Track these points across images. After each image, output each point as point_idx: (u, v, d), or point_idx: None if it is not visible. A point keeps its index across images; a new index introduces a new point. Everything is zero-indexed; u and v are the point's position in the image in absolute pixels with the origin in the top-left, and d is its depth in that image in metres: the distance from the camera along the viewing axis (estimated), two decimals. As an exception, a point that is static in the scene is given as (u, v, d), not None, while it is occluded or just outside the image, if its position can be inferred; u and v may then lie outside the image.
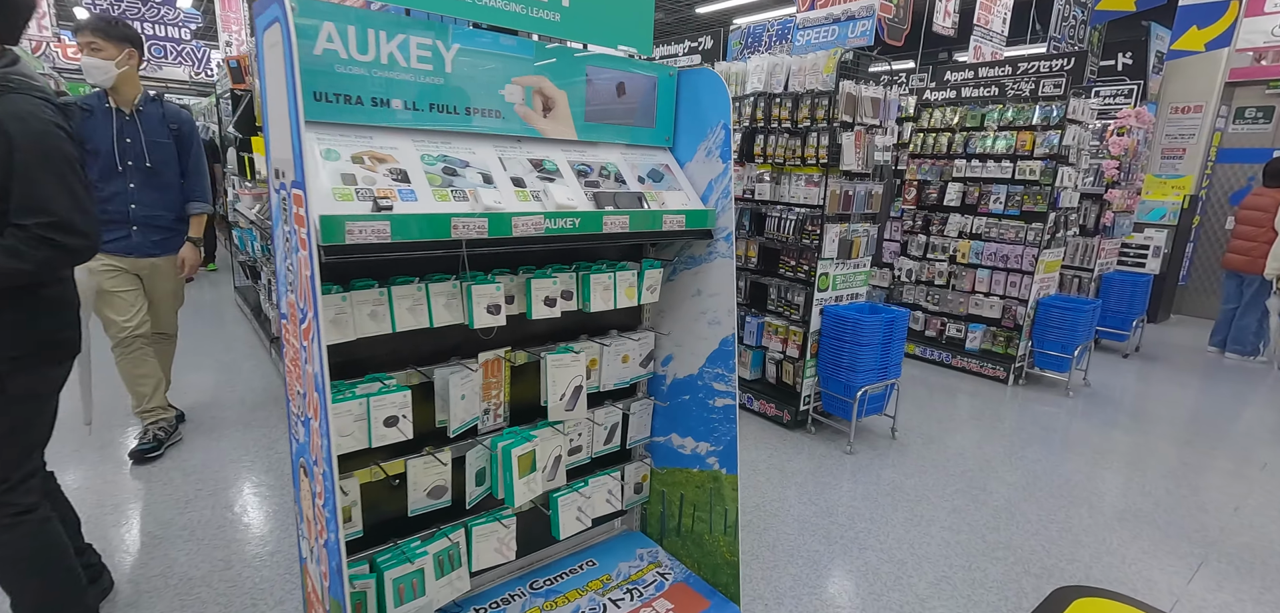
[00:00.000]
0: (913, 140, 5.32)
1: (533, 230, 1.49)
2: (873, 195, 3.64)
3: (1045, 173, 4.54)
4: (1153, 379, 5.15)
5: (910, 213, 5.39)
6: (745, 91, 3.84)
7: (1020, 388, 4.75)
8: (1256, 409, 4.56)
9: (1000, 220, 4.86)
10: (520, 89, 1.62)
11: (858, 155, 3.46)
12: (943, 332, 5.28)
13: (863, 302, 3.83)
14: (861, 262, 3.74)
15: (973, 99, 4.96)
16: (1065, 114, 4.39)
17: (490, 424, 1.82)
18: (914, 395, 4.45)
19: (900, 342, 3.59)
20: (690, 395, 2.09)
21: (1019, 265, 4.76)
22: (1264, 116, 7.17)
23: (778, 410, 3.84)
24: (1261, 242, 5.54)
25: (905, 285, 5.49)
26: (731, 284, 1.89)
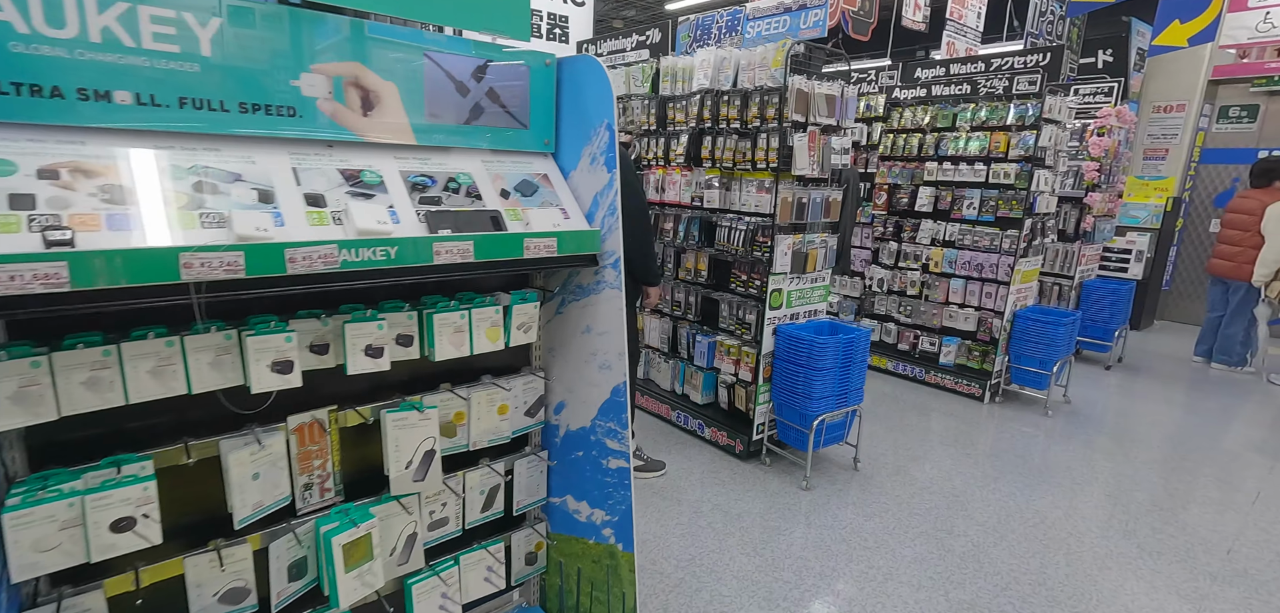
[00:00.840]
0: (882, 141, 5.00)
1: (321, 265, 1.12)
2: (830, 202, 3.31)
3: (1020, 176, 4.23)
4: (1136, 394, 4.86)
5: (881, 218, 5.07)
6: (691, 88, 3.49)
7: (996, 406, 4.44)
8: (1245, 427, 4.27)
9: (974, 227, 4.55)
10: (324, 79, 1.25)
11: (812, 158, 3.12)
12: (916, 345, 4.96)
13: (823, 319, 3.49)
14: (820, 275, 3.40)
15: (944, 98, 4.64)
16: (1041, 113, 4.08)
17: (314, 502, 1.45)
18: (883, 416, 4.12)
19: (861, 365, 3.25)
20: (583, 452, 1.73)
21: (994, 275, 4.45)
22: (1248, 115, 6.94)
23: (730, 439, 3.49)
24: (1247, 246, 5.27)
25: (877, 296, 5.17)
26: (621, 321, 1.54)
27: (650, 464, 3.25)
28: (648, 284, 3.08)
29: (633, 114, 3.90)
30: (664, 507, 2.95)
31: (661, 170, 3.74)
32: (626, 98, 3.94)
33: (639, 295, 3.13)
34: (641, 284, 3.08)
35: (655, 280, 3.08)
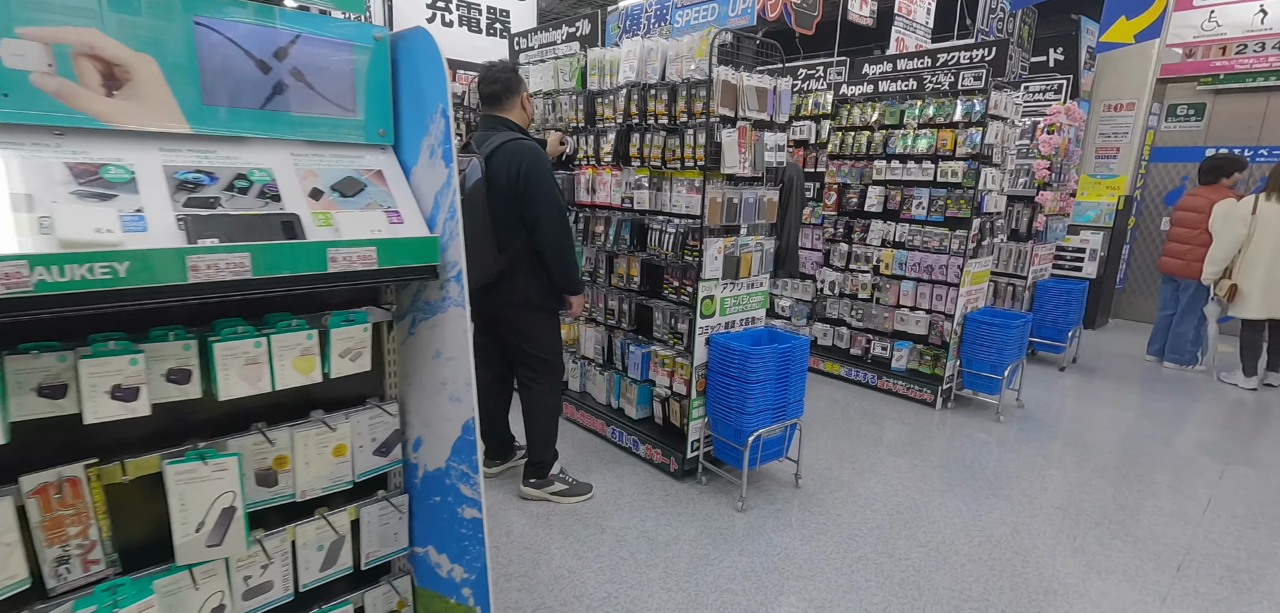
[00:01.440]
0: (830, 140, 4.83)
1: (1, 288, 0.85)
2: (766, 202, 3.10)
3: (968, 175, 4.10)
4: (1089, 396, 4.77)
5: (831, 219, 4.91)
6: (618, 82, 3.25)
7: (949, 412, 4.29)
8: (1196, 429, 4.19)
9: (923, 227, 4.41)
10: (39, 48, 0.98)
11: (743, 156, 2.91)
12: (868, 350, 4.80)
13: (760, 328, 3.28)
14: (756, 280, 3.19)
15: (891, 94, 4.50)
16: (986, 110, 3.95)
17: (74, 579, 1.17)
18: (832, 425, 3.93)
19: (799, 376, 3.05)
20: (440, 497, 1.47)
21: (944, 277, 4.31)
22: (1196, 114, 6.98)
23: (664, 457, 3.26)
24: (1196, 244, 5.24)
25: (829, 299, 5.00)
26: (467, 345, 1.29)
27: (575, 488, 3.00)
28: (568, 292, 2.84)
29: (562, 111, 3.65)
30: (584, 536, 2.70)
31: (592, 170, 3.50)
32: (555, 93, 3.69)
33: (561, 304, 2.89)
34: (562, 293, 2.84)
35: (577, 288, 2.84)
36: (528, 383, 2.92)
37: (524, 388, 2.95)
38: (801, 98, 5.04)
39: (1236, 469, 3.57)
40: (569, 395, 3.89)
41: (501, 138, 2.66)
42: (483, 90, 2.78)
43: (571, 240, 2.76)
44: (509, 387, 3.11)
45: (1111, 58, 7.01)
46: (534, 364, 2.89)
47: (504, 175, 2.61)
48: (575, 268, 2.81)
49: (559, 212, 2.66)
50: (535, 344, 2.87)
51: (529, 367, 2.90)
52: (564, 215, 2.70)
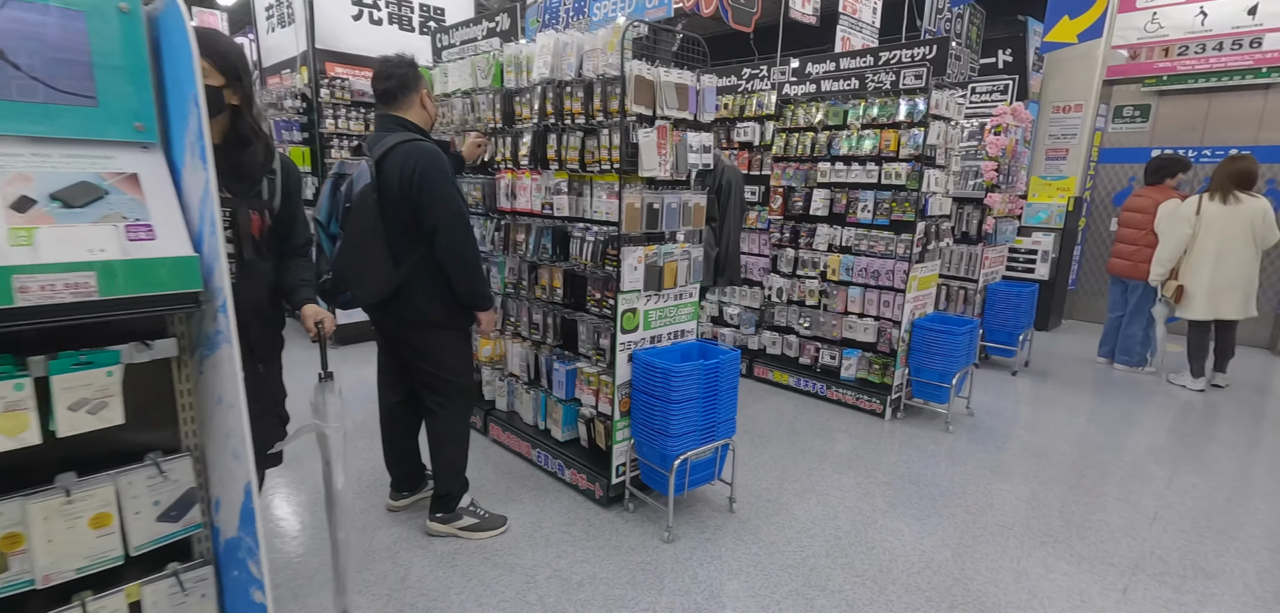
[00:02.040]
0: (774, 141, 4.66)
1: None
2: (692, 208, 2.89)
3: (911, 176, 3.96)
4: (1039, 402, 4.68)
5: (778, 223, 4.74)
6: (533, 79, 3.02)
7: (899, 423, 4.14)
8: (1144, 435, 4.11)
9: (869, 231, 4.26)
10: None
11: (662, 157, 2.69)
12: (817, 359, 4.63)
13: (691, 341, 3.06)
14: (684, 291, 2.98)
15: (833, 93, 4.34)
16: (928, 109, 3.81)
17: None
18: (777, 440, 3.73)
19: (730, 393, 2.83)
20: (238, 571, 1.21)
21: (891, 282, 4.16)
22: (1141, 115, 7.03)
23: (589, 483, 3.01)
24: (1143, 245, 5.21)
25: (777, 306, 4.83)
26: (239, 389, 1.03)
27: (486, 521, 2.73)
28: (476, 308, 2.58)
29: (480, 110, 3.40)
30: (490, 578, 2.44)
31: (511, 174, 3.25)
32: (473, 92, 3.44)
33: (470, 321, 2.63)
34: (470, 309, 2.58)
35: (485, 303, 2.58)
36: (433, 408, 2.65)
37: (428, 413, 2.68)
38: (745, 98, 4.86)
39: (1183, 478, 3.47)
40: (496, 415, 3.62)
41: (396, 139, 2.40)
42: (376, 87, 2.52)
43: (476, 251, 2.50)
44: (417, 410, 2.84)
45: (1059, 60, 7.02)
46: (439, 388, 2.63)
47: (396, 180, 2.35)
48: (482, 281, 2.56)
49: (459, 219, 2.41)
50: (440, 366, 2.61)
51: (434, 390, 2.64)
52: (466, 224, 2.44)
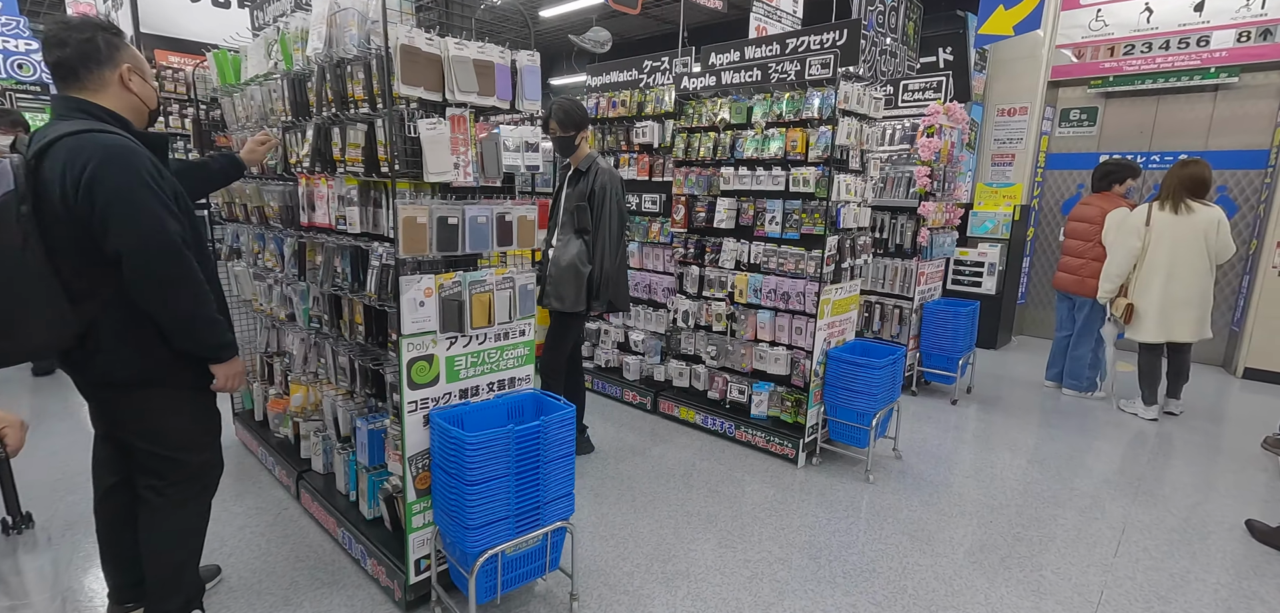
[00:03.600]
0: (675, 143, 4.05)
1: None
2: (515, 222, 2.23)
3: (820, 183, 3.37)
4: (978, 437, 4.12)
5: (681, 237, 4.12)
6: (309, 56, 2.34)
7: (813, 470, 3.53)
8: (1090, 479, 3.57)
9: (779, 246, 3.66)
10: None
11: (459, 156, 2.04)
12: (725, 394, 4.01)
13: (524, 393, 2.40)
14: (511, 330, 2.32)
15: (736, 87, 3.75)
16: (836, 104, 3.23)
17: None
18: (664, 499, 3.09)
19: (562, 463, 2.18)
20: None
21: (802, 306, 3.57)
22: (1088, 118, 6.64)
23: (389, 578, 2.32)
24: (1090, 258, 4.73)
25: (683, 332, 4.20)
26: None
27: (224, 648, 2.02)
28: (206, 359, 1.89)
29: (273, 100, 2.71)
30: None
31: (307, 180, 2.56)
32: (268, 77, 2.74)
33: (201, 377, 1.93)
34: (200, 359, 1.89)
35: (216, 350, 1.88)
36: (145, 495, 1.94)
37: (142, 502, 1.96)
38: (644, 94, 4.25)
39: (1133, 540, 2.92)
40: (310, 480, 2.91)
41: (64, 129, 1.69)
42: (48, 60, 1.81)
43: (192, 283, 1.79)
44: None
45: (1003, 60, 6.60)
46: (156, 467, 1.92)
47: (58, 187, 1.65)
48: (207, 324, 1.85)
49: (156, 239, 1.70)
50: (156, 438, 1.90)
51: (149, 471, 1.93)
52: (170, 247, 1.73)
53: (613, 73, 4.62)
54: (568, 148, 3.22)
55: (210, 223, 3.53)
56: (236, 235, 3.41)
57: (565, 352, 3.39)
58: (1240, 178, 5.84)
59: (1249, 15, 5.44)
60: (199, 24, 4.47)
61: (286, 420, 3.14)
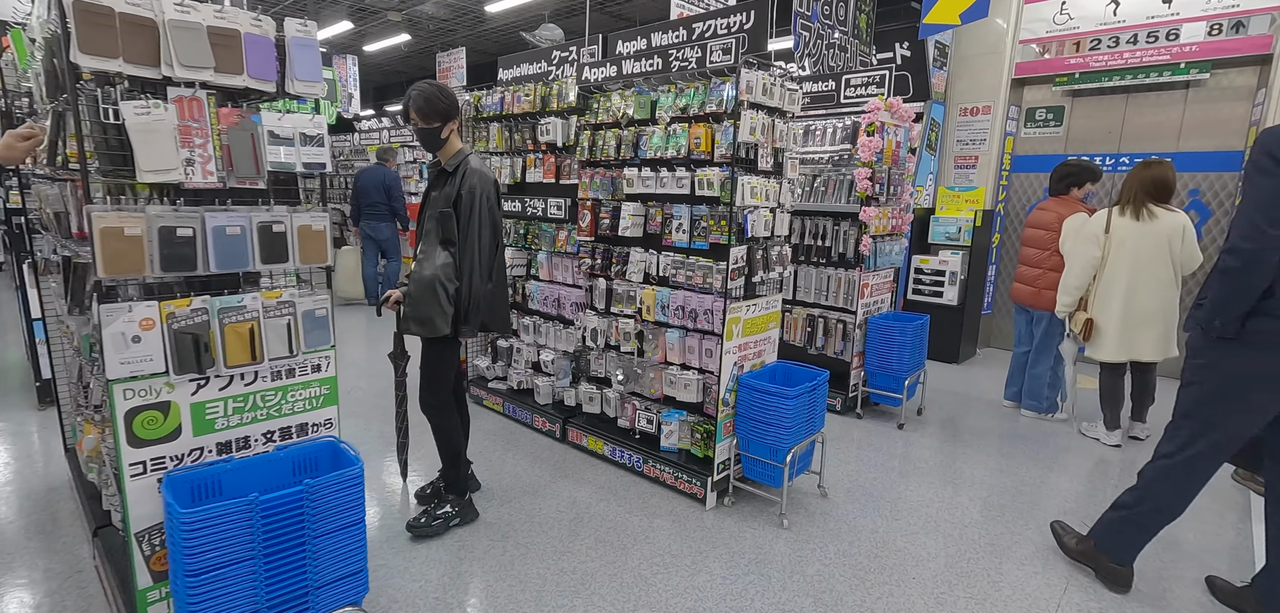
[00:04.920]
0: (579, 141, 3.62)
1: None
2: (275, 234, 1.79)
3: (725, 186, 2.95)
4: (921, 470, 3.70)
5: (588, 247, 3.68)
6: (34, 30, 1.89)
7: (724, 512, 3.10)
8: (1040, 521, 3.15)
9: (686, 257, 3.23)
10: None
11: (197, 150, 1.59)
12: (635, 422, 3.57)
13: (321, 442, 1.96)
14: (301, 363, 1.87)
15: (637, 76, 3.32)
16: (738, 95, 2.81)
17: None
18: (541, 549, 2.63)
19: (343, 537, 1.73)
20: None
21: (710, 325, 3.14)
22: (1055, 118, 6.26)
23: (144, 677, 1.86)
24: (1048, 268, 4.33)
25: (592, 352, 3.77)
26: None
27: None
28: None
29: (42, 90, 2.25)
30: None
31: (74, 182, 2.10)
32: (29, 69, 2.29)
33: None
34: None
35: None
36: None
37: None
38: (548, 88, 3.81)
39: (1076, 601, 2.50)
40: (106, 536, 2.44)
41: None
42: None
43: None
44: None
45: (965, 56, 6.22)
46: None
47: None
48: None
49: None
50: None
51: None
52: None
53: (523, 65, 4.19)
54: (432, 142, 2.73)
55: (27, 232, 3.07)
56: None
57: (447, 383, 2.87)
58: (1213, 180, 5.47)
59: (1220, 6, 5.07)
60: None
61: (89, 465, 2.67)
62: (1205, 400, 2.14)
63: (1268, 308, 1.93)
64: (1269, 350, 1.97)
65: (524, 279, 4.21)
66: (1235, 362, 2.03)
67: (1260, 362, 1.99)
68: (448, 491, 2.95)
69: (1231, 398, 2.07)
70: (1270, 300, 1.94)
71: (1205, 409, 2.14)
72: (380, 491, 3.19)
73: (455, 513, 2.93)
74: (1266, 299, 1.94)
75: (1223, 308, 2.00)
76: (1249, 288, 1.92)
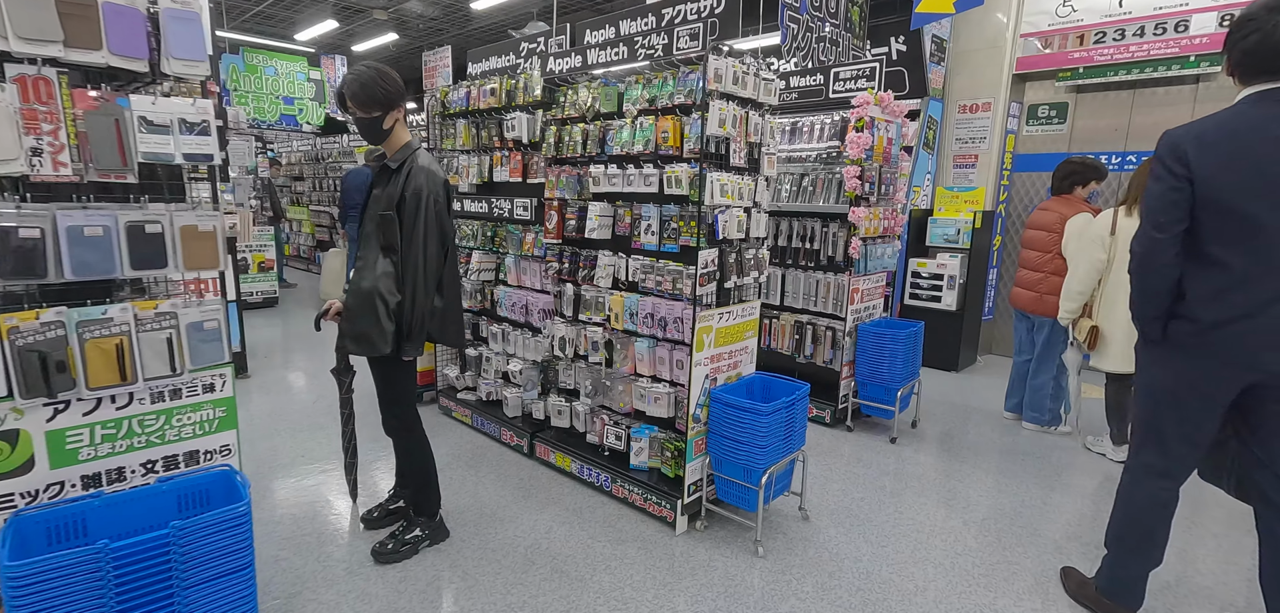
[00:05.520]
0: (545, 137, 3.39)
1: None
2: (150, 236, 1.56)
3: (694, 183, 2.71)
4: (912, 488, 3.44)
5: (555, 249, 3.45)
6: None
7: (695, 538, 2.85)
8: (1040, 549, 2.89)
9: (656, 260, 2.99)
10: None
11: (43, 138, 1.37)
12: (604, 437, 3.33)
13: (215, 470, 1.72)
14: (189, 382, 1.64)
15: (601, 65, 3.09)
16: (704, 85, 2.57)
17: None
18: (495, 578, 2.39)
19: (223, 588, 1.50)
20: None
21: (680, 334, 2.89)
22: (1058, 115, 5.99)
23: None
24: (1050, 272, 4.07)
25: (561, 362, 3.53)
26: None
27: None
28: None
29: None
30: None
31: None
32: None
33: None
34: None
35: None
36: None
37: None
38: (512, 81, 3.58)
39: (1080, 643, 2.24)
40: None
41: None
42: None
43: None
44: None
45: (964, 51, 5.97)
46: None
47: None
48: None
49: None
50: None
51: None
52: None
53: (493, 59, 3.96)
54: (373, 133, 2.45)
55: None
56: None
57: (408, 401, 2.62)
58: (1225, 180, 5.19)
59: (1232, -5, 4.81)
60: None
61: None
62: (1147, 408, 2.07)
63: (1182, 310, 1.89)
64: (1187, 353, 1.90)
65: (493, 284, 3.98)
66: (1164, 367, 1.97)
67: (1182, 364, 1.93)
68: (418, 513, 2.73)
69: (1165, 404, 1.99)
70: (1183, 303, 1.90)
71: (1149, 417, 2.07)
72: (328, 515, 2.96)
73: (426, 536, 2.71)
74: (1181, 301, 1.91)
75: (1135, 313, 2.00)
76: (1147, 290, 1.91)
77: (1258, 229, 1.73)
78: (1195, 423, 1.98)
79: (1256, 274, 1.75)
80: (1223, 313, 1.80)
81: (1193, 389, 1.93)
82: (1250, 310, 1.76)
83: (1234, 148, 1.75)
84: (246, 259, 7.79)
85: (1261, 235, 1.73)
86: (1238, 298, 1.78)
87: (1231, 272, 1.77)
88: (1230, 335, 1.81)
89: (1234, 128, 1.76)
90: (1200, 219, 1.81)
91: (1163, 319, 1.92)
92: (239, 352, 4.98)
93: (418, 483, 2.70)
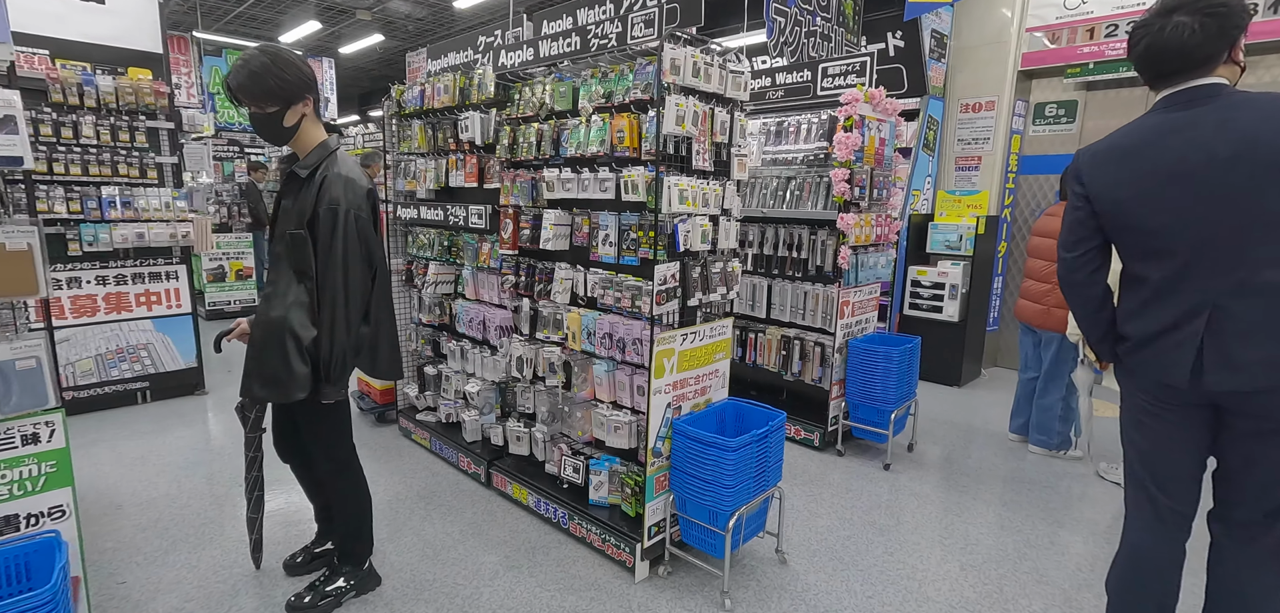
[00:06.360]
0: (500, 138, 3.09)
1: None
2: None
3: (651, 189, 2.40)
4: (907, 523, 3.11)
5: (511, 261, 3.15)
6: None
7: (656, 585, 2.54)
8: (1045, 596, 2.55)
9: (615, 274, 2.69)
10: None
11: None
12: (562, 468, 3.03)
13: (41, 537, 1.43)
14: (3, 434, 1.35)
15: (554, 57, 2.79)
16: (659, 75, 2.26)
17: None
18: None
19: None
20: None
21: (639, 357, 2.58)
22: (1067, 114, 5.65)
23: None
24: (1056, 283, 3.72)
25: (519, 384, 3.23)
26: None
27: None
28: None
29: None
30: None
31: None
32: None
33: None
34: None
35: None
36: None
37: None
38: (466, 77, 3.29)
39: (1093, 726, 1.91)
40: None
41: None
42: None
43: None
44: None
45: (966, 46, 5.65)
46: None
47: None
48: None
49: None
50: None
51: None
52: None
53: (450, 54, 3.67)
54: (273, 132, 2.07)
55: None
56: None
57: (343, 438, 2.31)
58: (1248, 182, 4.83)
59: (1255, -17, 4.46)
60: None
61: None
62: (1124, 442, 1.91)
63: (1121, 329, 1.79)
64: (1132, 375, 1.79)
65: (452, 298, 3.69)
66: (1126, 394, 1.86)
67: (1133, 386, 1.82)
68: (342, 561, 2.41)
69: (1130, 431, 1.86)
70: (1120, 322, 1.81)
71: (1125, 450, 1.91)
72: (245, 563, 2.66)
73: (350, 587, 2.39)
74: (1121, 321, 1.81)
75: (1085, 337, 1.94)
76: (1076, 311, 1.86)
77: (1164, 240, 1.62)
78: (1165, 454, 1.78)
79: (1170, 285, 1.63)
80: (1147, 327, 1.69)
81: (1149, 413, 1.78)
82: (1176, 321, 1.63)
83: (1131, 160, 1.67)
84: (223, 268, 7.55)
85: (1171, 245, 1.61)
86: (1159, 312, 1.66)
87: (1149, 284, 1.67)
88: (1159, 350, 1.67)
89: (1134, 141, 1.68)
90: (1112, 235, 1.74)
91: (1110, 341, 1.83)
92: (195, 365, 4.71)
93: (348, 530, 2.39)
